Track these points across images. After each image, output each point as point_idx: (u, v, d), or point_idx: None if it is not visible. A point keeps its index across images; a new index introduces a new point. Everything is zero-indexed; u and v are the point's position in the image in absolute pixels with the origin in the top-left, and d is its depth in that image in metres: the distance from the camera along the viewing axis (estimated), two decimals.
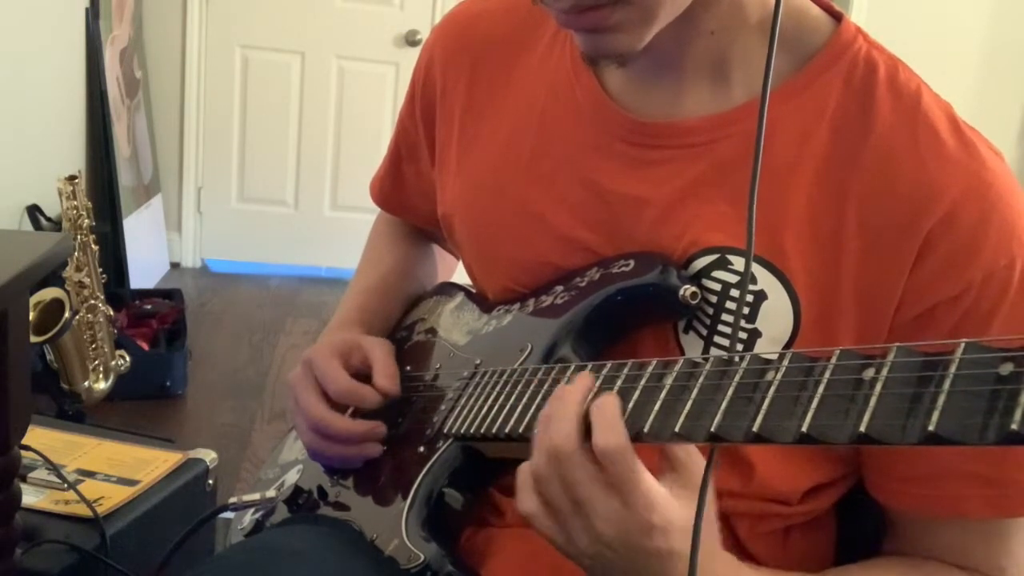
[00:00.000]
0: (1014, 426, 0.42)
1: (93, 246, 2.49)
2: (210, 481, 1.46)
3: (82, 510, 1.24)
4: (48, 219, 2.83)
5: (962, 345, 0.46)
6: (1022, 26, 4.09)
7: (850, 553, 0.82)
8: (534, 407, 0.69)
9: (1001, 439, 0.43)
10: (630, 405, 0.61)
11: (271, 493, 0.92)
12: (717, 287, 0.73)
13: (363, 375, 0.88)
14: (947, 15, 4.04)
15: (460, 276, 1.02)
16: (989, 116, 3.35)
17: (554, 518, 0.63)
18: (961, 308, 0.69)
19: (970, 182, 0.69)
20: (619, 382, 0.63)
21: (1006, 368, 0.44)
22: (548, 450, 0.62)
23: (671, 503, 0.61)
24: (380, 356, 0.88)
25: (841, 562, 0.82)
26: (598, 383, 0.65)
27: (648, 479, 0.60)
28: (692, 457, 0.63)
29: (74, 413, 2.37)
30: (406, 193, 1.04)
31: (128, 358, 2.58)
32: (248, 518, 0.96)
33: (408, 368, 0.91)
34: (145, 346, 2.89)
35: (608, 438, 0.60)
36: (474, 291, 0.94)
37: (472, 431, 0.75)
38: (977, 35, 4.10)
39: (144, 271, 3.66)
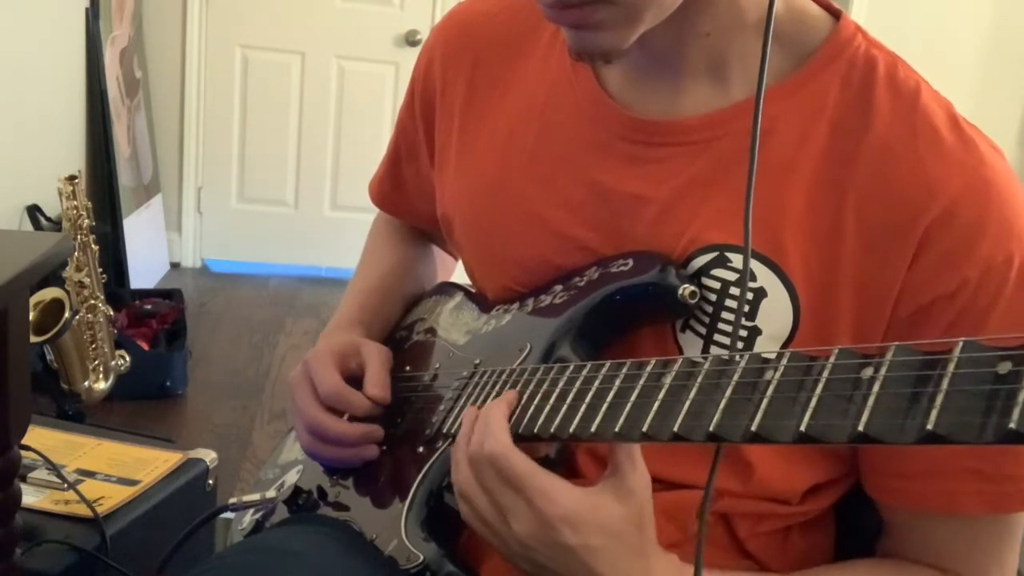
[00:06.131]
0: (1012, 425, 0.42)
1: (93, 246, 2.48)
2: (210, 481, 1.46)
3: (82, 510, 1.24)
4: (48, 219, 2.83)
5: (960, 344, 0.46)
6: (1022, 26, 4.09)
7: (849, 553, 0.82)
8: (533, 407, 0.69)
9: (999, 438, 0.43)
10: (628, 405, 0.61)
11: (271, 493, 0.92)
12: (716, 285, 0.73)
13: (359, 379, 0.88)
14: (947, 14, 4.04)
15: (460, 276, 1.02)
16: (989, 116, 3.34)
17: (487, 527, 0.67)
18: (958, 304, 0.69)
19: (968, 179, 0.69)
20: (618, 381, 0.63)
21: (1004, 367, 0.44)
22: (466, 460, 0.68)
23: (580, 498, 0.64)
24: (374, 363, 0.88)
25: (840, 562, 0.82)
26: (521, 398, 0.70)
27: (542, 475, 0.64)
28: (633, 463, 0.65)
29: (74, 413, 2.37)
30: (405, 193, 1.03)
31: (128, 358, 2.58)
32: (248, 518, 0.96)
33: (407, 368, 0.91)
34: (145, 346, 2.89)
35: (488, 443, 0.65)
36: (473, 291, 0.94)
37: None
38: (977, 35, 4.09)
39: (144, 271, 3.66)
